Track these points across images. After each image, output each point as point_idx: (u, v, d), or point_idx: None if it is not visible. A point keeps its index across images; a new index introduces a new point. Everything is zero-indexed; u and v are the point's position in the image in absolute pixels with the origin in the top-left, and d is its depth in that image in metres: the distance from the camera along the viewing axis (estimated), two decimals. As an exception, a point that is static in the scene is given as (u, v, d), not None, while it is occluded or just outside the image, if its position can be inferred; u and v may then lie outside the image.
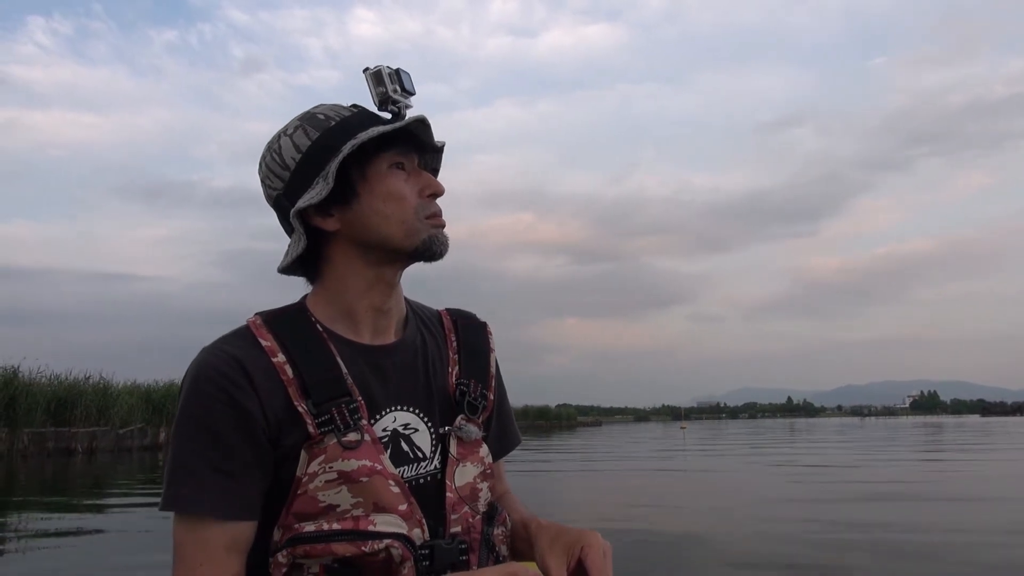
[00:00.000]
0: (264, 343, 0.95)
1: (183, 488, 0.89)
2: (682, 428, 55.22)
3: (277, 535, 0.92)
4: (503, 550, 1.07)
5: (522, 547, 1.09)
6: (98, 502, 9.59)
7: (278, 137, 1.01)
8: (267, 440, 0.92)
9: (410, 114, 1.02)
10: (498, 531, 1.06)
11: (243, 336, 0.97)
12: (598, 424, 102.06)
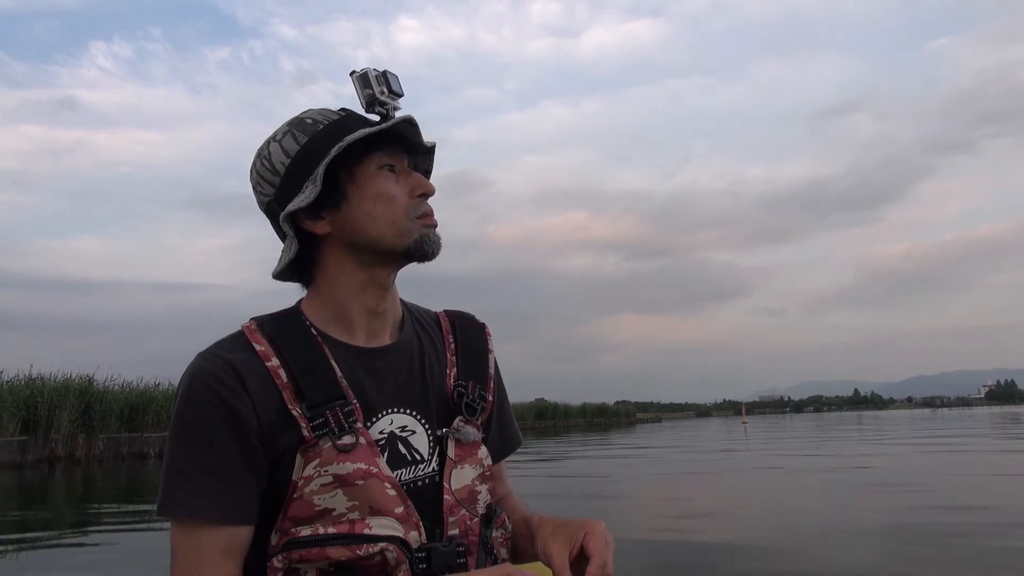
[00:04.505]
0: (258, 347, 0.96)
1: (178, 493, 0.90)
2: (743, 424, 54.01)
3: (274, 539, 0.92)
4: (502, 552, 1.06)
5: (524, 545, 1.08)
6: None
7: (267, 143, 1.01)
8: (261, 444, 0.92)
9: (399, 115, 1.01)
10: (497, 533, 1.05)
11: (237, 341, 0.97)
12: (658, 420, 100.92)
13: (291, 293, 1.08)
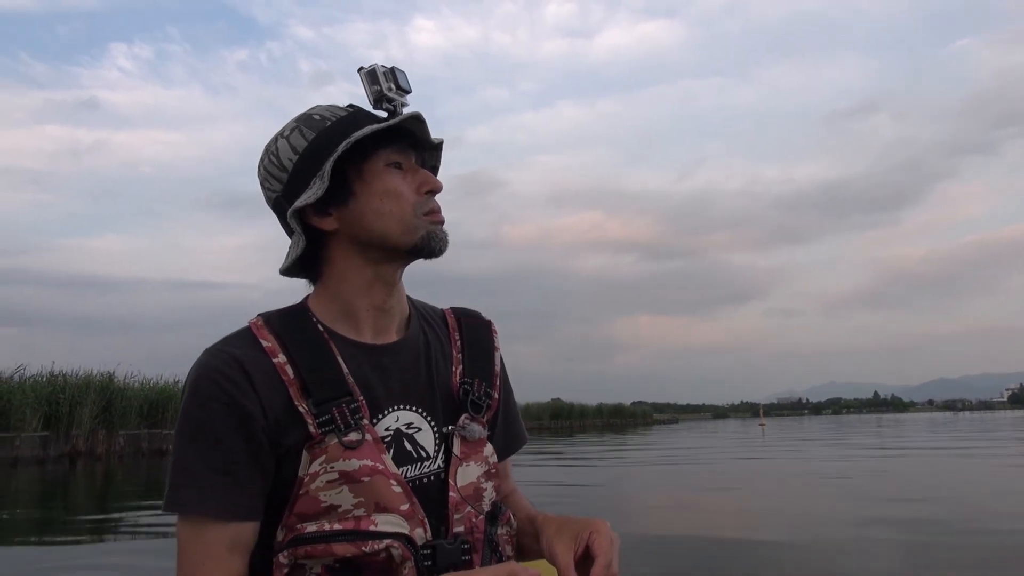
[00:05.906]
0: (265, 344, 0.96)
1: (185, 489, 0.90)
2: (761, 425, 53.57)
3: (280, 535, 0.92)
4: (507, 550, 1.06)
5: (529, 543, 1.08)
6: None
7: (275, 139, 1.02)
8: (268, 441, 0.92)
9: (407, 111, 1.01)
10: (502, 531, 1.05)
11: (244, 337, 0.97)
12: (675, 421, 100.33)
13: (309, 291, 1.07)
